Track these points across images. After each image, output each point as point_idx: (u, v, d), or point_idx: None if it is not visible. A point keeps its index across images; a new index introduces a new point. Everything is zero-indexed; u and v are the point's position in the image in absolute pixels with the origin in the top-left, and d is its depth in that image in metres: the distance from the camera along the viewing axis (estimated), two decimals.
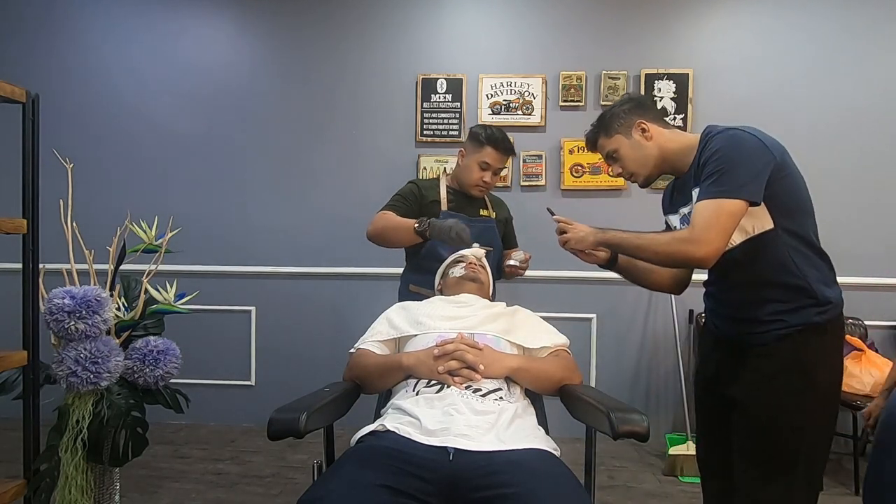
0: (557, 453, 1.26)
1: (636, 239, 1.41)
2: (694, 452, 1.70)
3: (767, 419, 1.36)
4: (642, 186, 1.56)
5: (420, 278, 2.02)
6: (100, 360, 1.56)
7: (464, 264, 1.78)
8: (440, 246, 1.95)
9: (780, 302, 1.34)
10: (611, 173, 1.57)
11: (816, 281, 1.34)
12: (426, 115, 3.23)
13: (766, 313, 1.36)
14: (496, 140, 2.03)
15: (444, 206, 2.06)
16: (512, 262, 2.01)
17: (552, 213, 1.65)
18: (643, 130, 1.49)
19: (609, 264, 1.63)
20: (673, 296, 3.00)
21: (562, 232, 1.58)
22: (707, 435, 1.59)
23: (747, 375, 1.40)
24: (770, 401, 1.35)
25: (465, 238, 1.82)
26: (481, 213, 2.12)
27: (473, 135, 2.09)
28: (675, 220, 1.53)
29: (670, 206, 1.56)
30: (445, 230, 1.82)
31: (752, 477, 1.38)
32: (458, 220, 1.88)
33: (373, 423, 1.32)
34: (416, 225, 1.90)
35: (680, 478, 2.66)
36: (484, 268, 1.82)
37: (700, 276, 1.54)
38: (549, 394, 1.49)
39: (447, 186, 2.13)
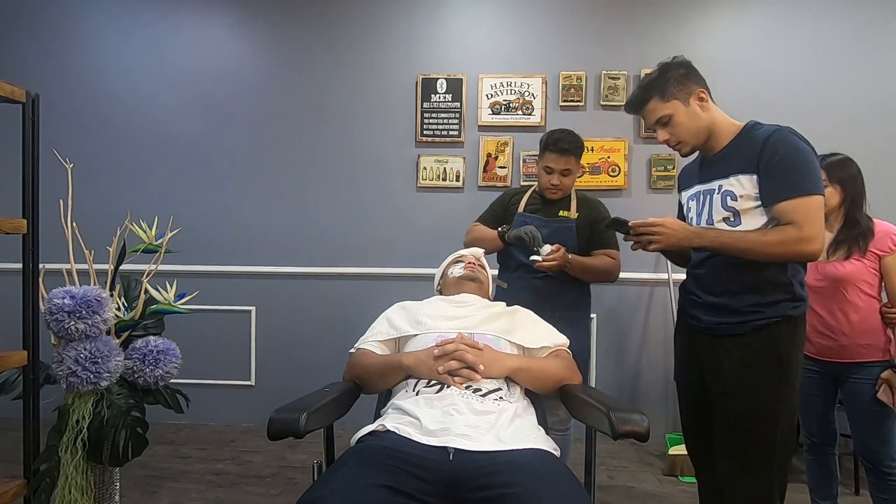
0: (557, 453, 1.26)
1: (740, 242, 1.39)
2: None
3: (745, 407, 1.42)
4: (684, 156, 1.56)
5: (499, 273, 2.21)
6: (100, 360, 1.56)
7: (463, 264, 1.78)
8: (515, 248, 2.11)
9: (761, 294, 1.42)
10: (658, 137, 1.52)
11: (796, 281, 1.44)
12: (426, 115, 3.23)
13: (746, 305, 1.42)
14: (550, 143, 2.12)
15: (520, 209, 2.21)
16: (534, 257, 1.99)
17: (624, 222, 1.49)
18: (701, 100, 1.48)
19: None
20: (673, 296, 3.02)
21: (646, 234, 1.45)
22: (692, 429, 1.65)
23: (725, 365, 1.45)
24: (747, 389, 1.42)
25: (537, 239, 1.97)
26: (560, 213, 2.18)
27: (540, 140, 2.19)
28: (691, 195, 1.56)
29: (700, 177, 1.53)
30: (519, 234, 2.01)
31: (733, 466, 1.44)
32: (532, 223, 2.06)
33: (373, 423, 1.32)
34: (500, 229, 2.14)
35: (680, 478, 2.66)
36: (483, 267, 1.82)
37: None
38: (549, 394, 1.49)
39: (534, 191, 2.25)
